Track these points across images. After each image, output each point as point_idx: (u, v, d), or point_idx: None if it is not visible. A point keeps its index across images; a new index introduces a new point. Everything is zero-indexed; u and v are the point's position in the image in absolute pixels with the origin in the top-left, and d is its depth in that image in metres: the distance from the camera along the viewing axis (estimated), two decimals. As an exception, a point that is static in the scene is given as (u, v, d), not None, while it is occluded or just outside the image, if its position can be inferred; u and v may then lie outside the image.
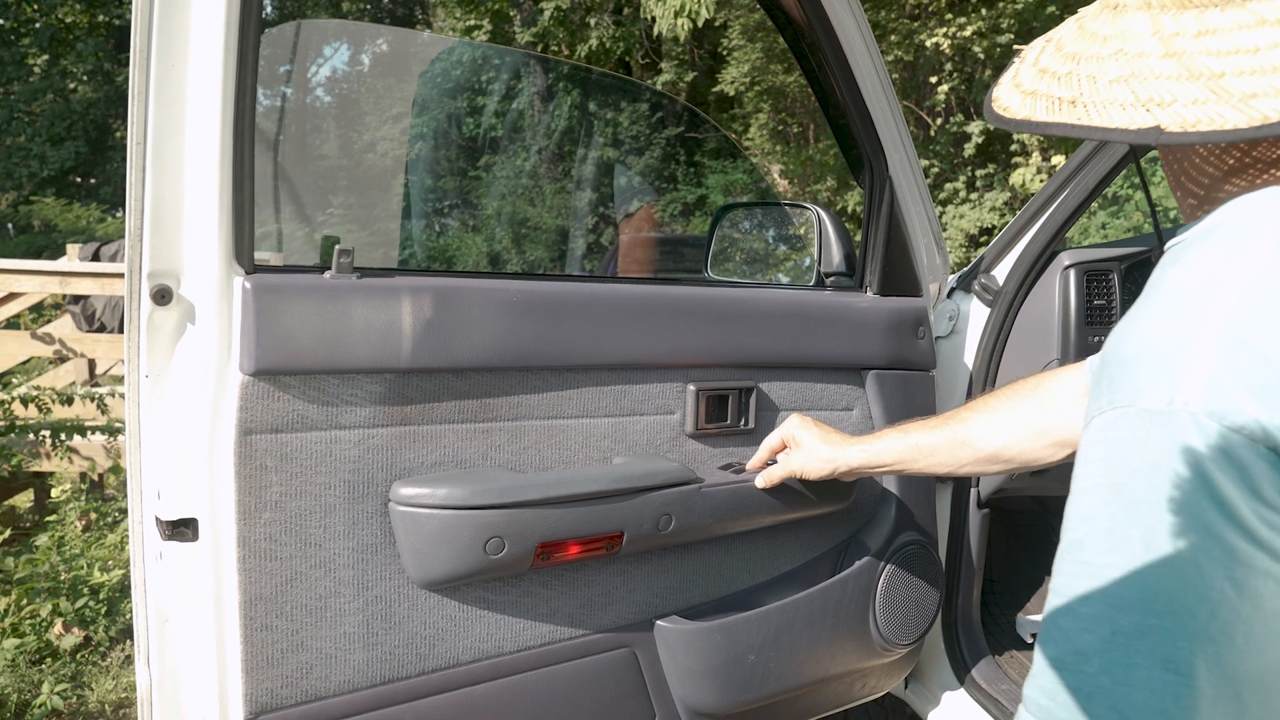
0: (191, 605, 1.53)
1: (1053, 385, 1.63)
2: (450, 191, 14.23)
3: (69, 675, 3.98)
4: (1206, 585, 0.84)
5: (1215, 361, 0.85)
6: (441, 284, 1.66)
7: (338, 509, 1.58)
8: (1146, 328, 0.93)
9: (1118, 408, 0.91)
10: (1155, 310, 0.94)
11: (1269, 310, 0.86)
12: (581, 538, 1.76)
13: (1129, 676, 0.85)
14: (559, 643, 1.84)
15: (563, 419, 1.82)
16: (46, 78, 23.61)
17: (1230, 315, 0.87)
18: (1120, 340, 0.95)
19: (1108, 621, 0.88)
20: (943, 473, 1.78)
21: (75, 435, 6.04)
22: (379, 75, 27.03)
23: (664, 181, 18.79)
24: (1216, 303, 0.89)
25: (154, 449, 1.51)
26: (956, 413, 1.78)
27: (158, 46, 1.39)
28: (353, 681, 1.61)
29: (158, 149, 1.42)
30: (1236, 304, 0.88)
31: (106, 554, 4.86)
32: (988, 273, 2.56)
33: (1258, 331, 0.85)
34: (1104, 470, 0.91)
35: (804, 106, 17.15)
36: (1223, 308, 0.88)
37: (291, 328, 1.50)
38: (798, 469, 1.91)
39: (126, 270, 1.48)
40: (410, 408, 1.64)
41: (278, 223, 5.02)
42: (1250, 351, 0.84)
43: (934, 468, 1.78)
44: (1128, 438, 0.89)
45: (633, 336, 1.88)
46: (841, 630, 2.16)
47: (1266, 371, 0.83)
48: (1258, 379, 0.83)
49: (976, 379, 2.52)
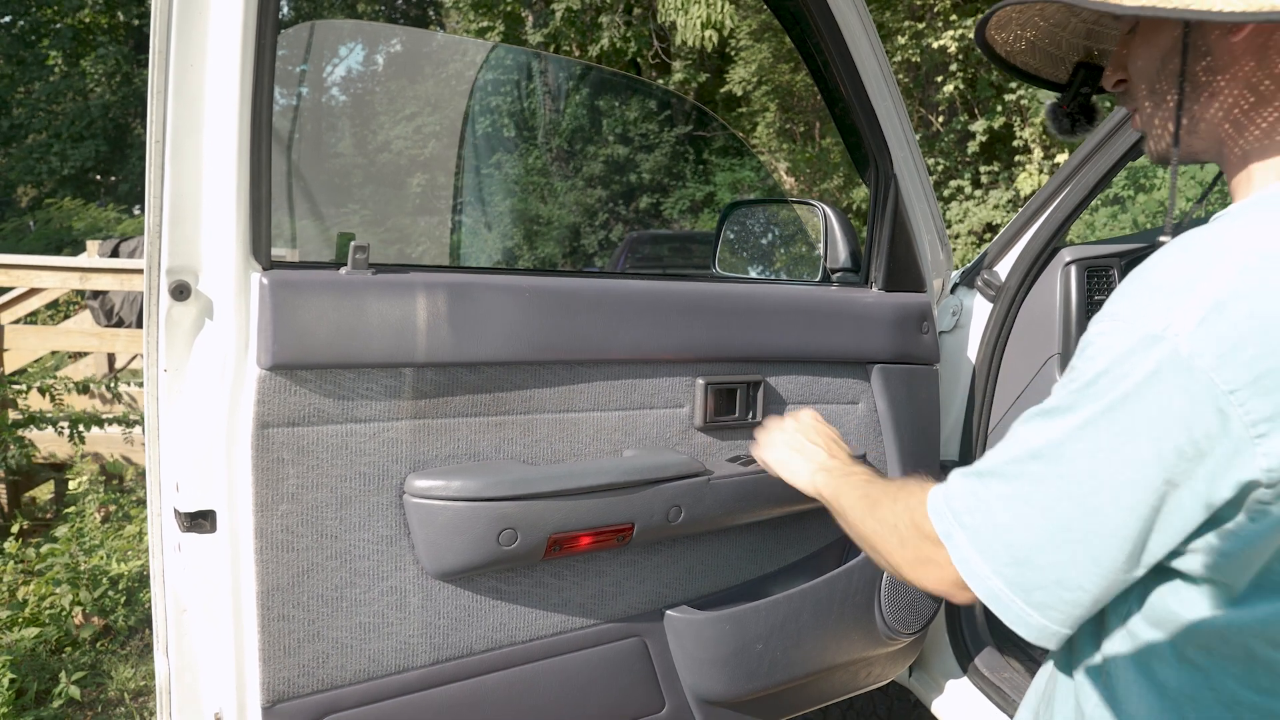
0: (209, 596, 1.54)
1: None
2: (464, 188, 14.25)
3: (88, 664, 3.99)
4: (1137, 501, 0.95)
5: (1207, 310, 0.91)
6: (455, 279, 1.66)
7: (353, 501, 1.58)
8: (1161, 267, 0.98)
9: (1120, 321, 0.97)
10: (1169, 257, 0.99)
11: (1259, 282, 0.91)
12: (592, 529, 1.77)
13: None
14: (570, 632, 1.84)
15: (574, 412, 1.82)
16: (66, 78, 23.66)
17: (1232, 276, 0.92)
18: (1136, 274, 1.00)
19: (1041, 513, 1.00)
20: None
21: (94, 427, 6.05)
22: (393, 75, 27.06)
23: (673, 179, 18.80)
24: (1224, 261, 0.93)
25: (173, 442, 1.52)
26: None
27: (176, 46, 1.39)
28: (368, 670, 1.62)
29: (176, 147, 1.42)
30: (1240, 268, 0.92)
31: (125, 545, 4.87)
32: (990, 269, 2.55)
33: (1244, 298, 0.91)
34: (1093, 371, 0.98)
35: (810, 105, 17.14)
36: (1229, 267, 0.93)
37: (308, 323, 1.50)
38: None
39: (145, 266, 1.48)
40: (424, 401, 1.64)
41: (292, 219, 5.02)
42: (1228, 314, 0.90)
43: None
44: (1121, 351, 0.95)
45: (642, 331, 1.88)
46: (847, 619, 2.16)
47: (1232, 334, 0.90)
48: (1227, 340, 0.90)
49: (979, 373, 2.52)
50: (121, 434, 6.25)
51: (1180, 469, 0.92)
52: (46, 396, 6.11)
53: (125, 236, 10.26)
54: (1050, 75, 1.36)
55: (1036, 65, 1.35)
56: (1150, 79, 1.15)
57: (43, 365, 7.83)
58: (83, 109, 23.51)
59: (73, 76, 23.67)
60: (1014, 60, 1.33)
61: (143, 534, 4.97)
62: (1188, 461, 0.92)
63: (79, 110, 23.47)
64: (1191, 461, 0.92)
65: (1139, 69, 1.16)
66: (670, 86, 19.19)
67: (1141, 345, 0.93)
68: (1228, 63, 1.06)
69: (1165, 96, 1.13)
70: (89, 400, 6.40)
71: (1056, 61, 1.35)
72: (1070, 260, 2.51)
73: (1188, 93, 1.09)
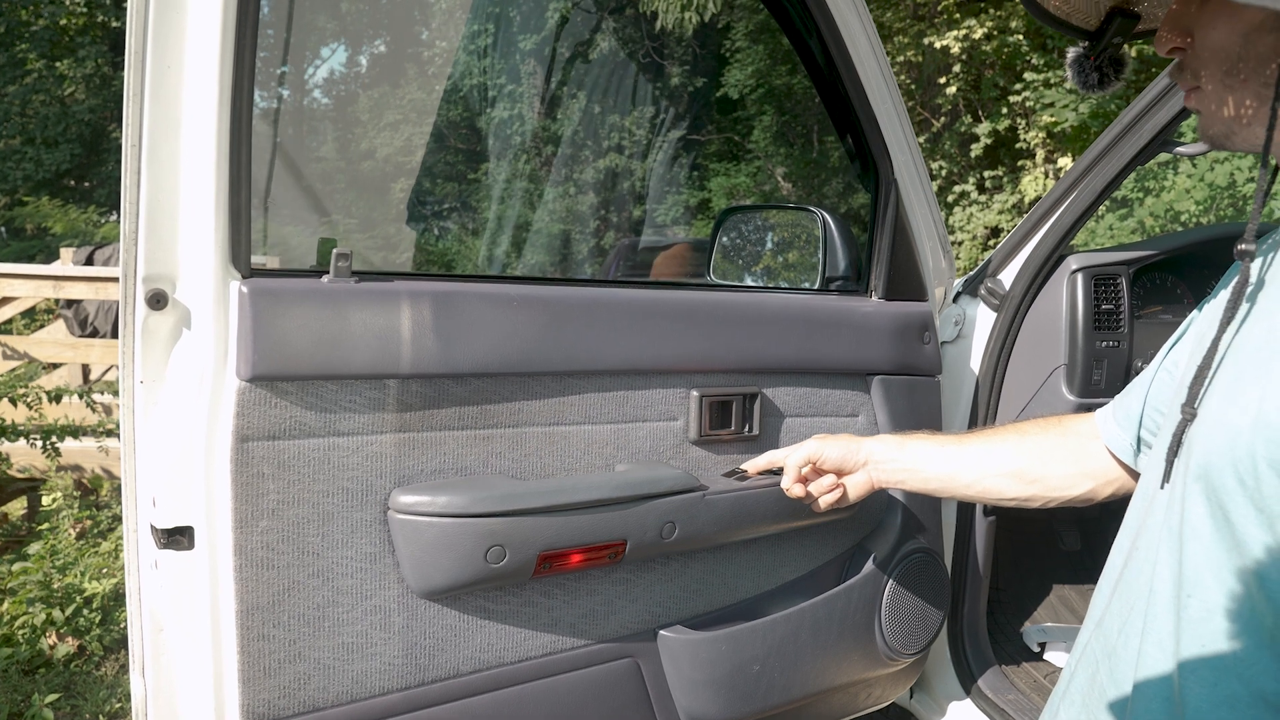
0: (187, 615, 1.53)
1: (1074, 423, 1.62)
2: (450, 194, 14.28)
3: (62, 685, 3.97)
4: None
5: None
6: (441, 288, 1.66)
7: (336, 517, 1.58)
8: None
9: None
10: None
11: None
12: (584, 546, 1.76)
13: None
14: (561, 653, 1.84)
15: (564, 425, 1.82)
16: (42, 80, 23.63)
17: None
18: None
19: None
20: (958, 482, 1.69)
21: (68, 438, 6.03)
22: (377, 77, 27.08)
23: (667, 185, 18.80)
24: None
25: (149, 456, 1.51)
26: (981, 430, 1.75)
27: (153, 47, 1.39)
28: (351, 692, 1.61)
29: (153, 151, 1.42)
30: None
31: (100, 562, 4.85)
32: (994, 277, 2.56)
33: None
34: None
35: (808, 108, 17.15)
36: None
37: (289, 333, 1.50)
38: (810, 454, 1.79)
39: (121, 274, 1.48)
40: (409, 414, 1.64)
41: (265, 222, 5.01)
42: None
43: (954, 473, 1.69)
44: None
45: (635, 341, 1.88)
46: (847, 640, 2.16)
47: None
48: None
49: (983, 385, 2.52)
50: (97, 447, 6.23)
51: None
52: (19, 407, 6.09)
53: (100, 243, 10.25)
54: (1082, 22, 1.27)
55: (1068, 10, 1.26)
56: (1229, 58, 1.08)
57: (14, 376, 7.81)
58: (59, 112, 23.47)
59: (48, 79, 23.63)
60: (1048, 5, 1.24)
61: (119, 551, 4.94)
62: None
63: (55, 113, 23.42)
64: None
65: (1212, 41, 1.10)
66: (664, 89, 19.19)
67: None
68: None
69: (1248, 83, 1.07)
70: (62, 411, 6.38)
71: (1091, 5, 1.25)
72: (1077, 268, 2.51)
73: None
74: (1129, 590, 1.21)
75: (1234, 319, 1.12)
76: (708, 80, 18.89)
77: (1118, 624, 1.21)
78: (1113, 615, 1.24)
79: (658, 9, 15.14)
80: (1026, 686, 2.56)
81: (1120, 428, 1.50)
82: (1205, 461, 1.06)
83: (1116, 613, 1.23)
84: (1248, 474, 1.00)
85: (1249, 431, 1.01)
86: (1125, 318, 2.53)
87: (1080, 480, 1.58)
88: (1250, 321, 1.11)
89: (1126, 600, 1.21)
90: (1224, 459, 1.03)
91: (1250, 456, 1.00)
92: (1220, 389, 1.09)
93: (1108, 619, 1.25)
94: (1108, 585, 1.29)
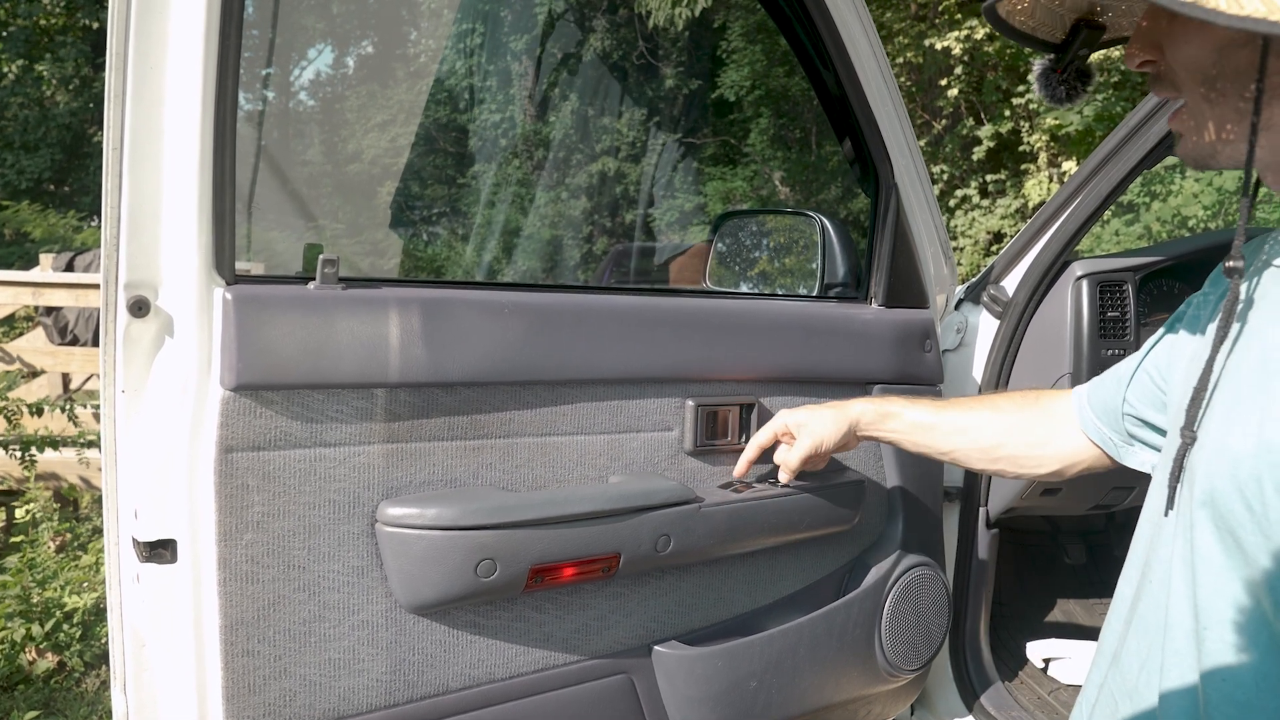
0: (170, 630, 1.53)
1: (1051, 401, 1.68)
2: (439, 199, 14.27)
3: (41, 702, 3.96)
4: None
5: None
6: (429, 295, 1.65)
7: (322, 530, 1.57)
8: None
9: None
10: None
11: None
12: (576, 559, 1.76)
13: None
14: (553, 669, 1.83)
15: (556, 436, 1.82)
16: (20, 82, 23.60)
17: None
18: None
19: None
20: (931, 453, 1.82)
21: (47, 449, 6.02)
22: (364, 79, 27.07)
23: (662, 189, 18.80)
24: None
25: (131, 467, 1.51)
26: (961, 400, 1.86)
27: (135, 48, 1.39)
28: (338, 709, 1.61)
29: (135, 154, 1.42)
30: None
31: (81, 576, 4.83)
32: (997, 283, 2.56)
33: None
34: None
35: (807, 110, 17.17)
36: None
37: (274, 341, 1.50)
38: (814, 442, 1.86)
39: (102, 281, 1.47)
40: (398, 424, 1.63)
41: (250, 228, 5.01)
42: None
43: (929, 445, 1.81)
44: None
45: (629, 350, 1.87)
46: (846, 655, 2.16)
47: None
48: None
49: (985, 394, 2.52)
50: (77, 457, 6.21)
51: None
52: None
53: (80, 249, 10.23)
54: (1048, 35, 1.28)
55: (1034, 24, 1.26)
56: (1204, 74, 1.09)
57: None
58: (38, 116, 23.44)
59: (27, 81, 23.61)
60: (1013, 20, 1.24)
61: (99, 564, 4.93)
62: None
63: (34, 117, 23.40)
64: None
65: (1185, 57, 1.10)
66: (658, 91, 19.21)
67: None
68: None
69: (1227, 98, 1.08)
70: (42, 422, 6.37)
71: (1055, 18, 1.26)
72: (1082, 274, 2.51)
73: (1266, 100, 1.04)
74: (1145, 626, 1.21)
75: (1226, 339, 1.13)
76: (703, 82, 18.91)
77: (1137, 662, 1.22)
78: (1130, 653, 1.24)
79: (650, 7, 15.15)
80: (1030, 703, 2.56)
81: (1099, 419, 1.55)
82: (1210, 488, 1.07)
83: (1134, 650, 1.23)
84: (1255, 499, 1.01)
85: (1252, 457, 1.02)
86: (1132, 325, 2.53)
87: (1050, 461, 1.66)
88: (1244, 341, 1.12)
89: (1143, 637, 1.21)
90: (1229, 484, 1.04)
91: (1256, 481, 1.01)
92: (1219, 412, 1.11)
93: (1125, 656, 1.25)
94: (1118, 620, 1.29)
